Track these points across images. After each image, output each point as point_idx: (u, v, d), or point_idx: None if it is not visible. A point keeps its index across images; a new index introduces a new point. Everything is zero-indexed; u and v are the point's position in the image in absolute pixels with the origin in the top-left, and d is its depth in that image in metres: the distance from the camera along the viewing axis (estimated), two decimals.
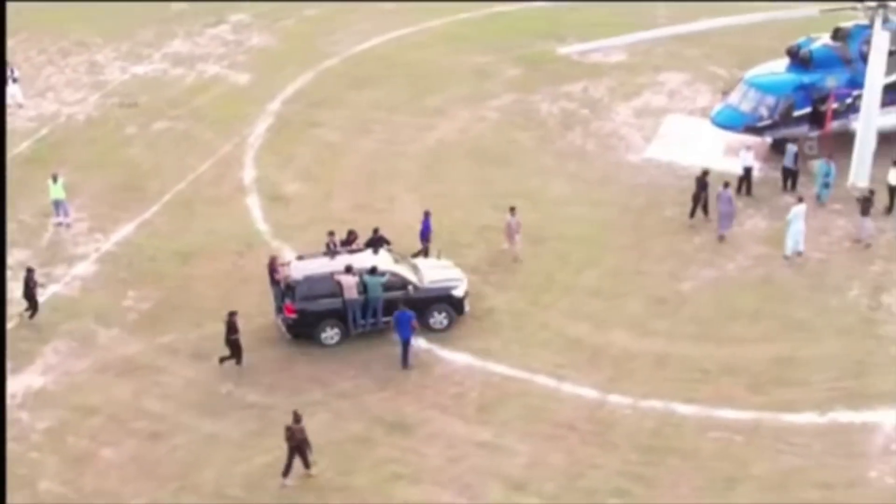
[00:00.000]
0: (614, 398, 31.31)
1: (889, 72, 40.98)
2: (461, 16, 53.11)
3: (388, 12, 53.48)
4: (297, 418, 28.57)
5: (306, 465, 28.76)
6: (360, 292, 32.69)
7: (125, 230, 38.36)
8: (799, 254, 36.66)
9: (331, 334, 33.01)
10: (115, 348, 33.18)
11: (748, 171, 39.27)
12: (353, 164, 41.80)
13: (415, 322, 32.24)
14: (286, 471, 28.60)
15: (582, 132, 43.61)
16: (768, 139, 41.28)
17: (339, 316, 32.86)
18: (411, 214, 38.65)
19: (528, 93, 46.28)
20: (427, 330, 33.08)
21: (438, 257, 35.10)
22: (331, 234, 35.11)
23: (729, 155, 41.11)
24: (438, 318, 33.33)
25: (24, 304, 34.12)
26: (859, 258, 36.72)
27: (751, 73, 41.66)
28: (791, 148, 40.19)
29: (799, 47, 41.12)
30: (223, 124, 44.24)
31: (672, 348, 33.08)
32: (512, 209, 36.23)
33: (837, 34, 41.42)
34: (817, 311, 34.41)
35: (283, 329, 33.20)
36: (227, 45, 50.93)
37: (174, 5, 54.71)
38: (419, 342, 33.12)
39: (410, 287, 33.08)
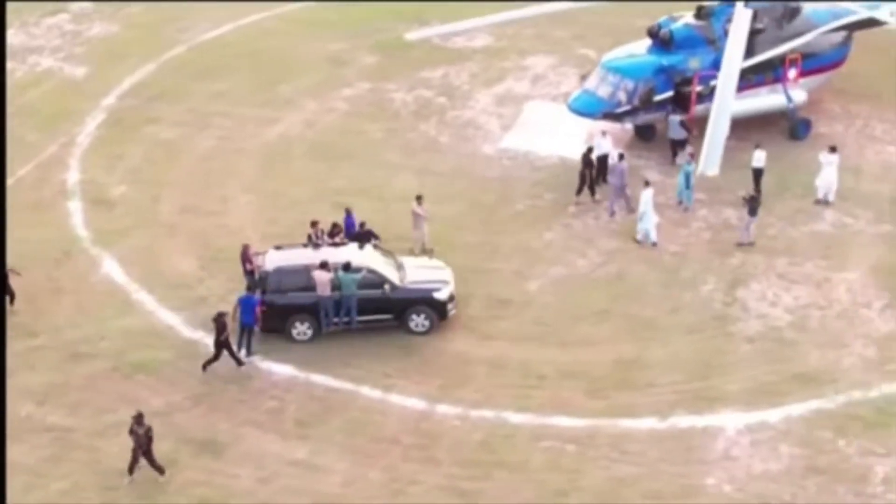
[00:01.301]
0: (443, 408, 31.22)
1: (755, 52, 41.44)
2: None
3: None
4: (139, 420, 28.55)
5: (159, 470, 28.96)
6: (334, 289, 32.63)
7: None
8: (654, 244, 36.74)
9: (301, 330, 33.10)
10: None
11: (603, 158, 39.25)
12: (187, 163, 41.35)
13: (259, 309, 32.28)
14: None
15: (436, 122, 43.46)
16: (628, 125, 41.30)
17: (312, 311, 32.77)
18: (245, 216, 38.38)
19: (383, 81, 46.06)
20: (407, 332, 33.16)
21: (430, 257, 34.93)
22: (314, 224, 34.94)
23: (591, 143, 41.00)
24: (418, 321, 33.30)
25: None
26: (718, 251, 36.91)
27: (608, 57, 41.70)
28: (674, 118, 40.40)
29: (659, 27, 41.16)
30: (51, 122, 43.59)
31: (511, 352, 33.06)
32: (418, 197, 36.23)
33: (700, 12, 41.58)
34: (668, 309, 34.54)
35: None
36: (64, 35, 50.16)
37: None
38: (239, 355, 32.81)
39: (387, 286, 32.96)
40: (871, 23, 42.90)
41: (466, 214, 38.02)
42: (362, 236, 35.01)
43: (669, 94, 40.71)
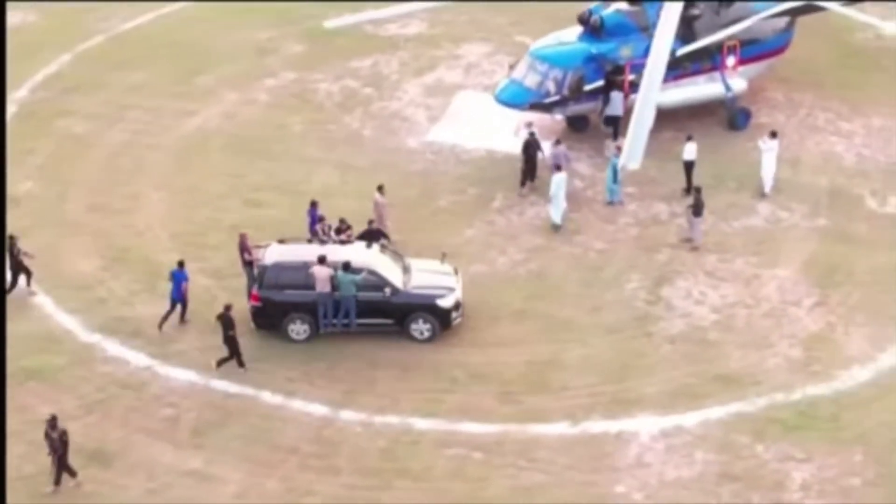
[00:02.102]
0: (346, 414, 31.08)
1: (691, 38, 41.31)
2: None
3: None
4: (52, 424, 28.58)
5: (71, 473, 29.03)
6: (333, 288, 32.50)
7: None
8: (557, 227, 37.08)
9: (298, 329, 32.92)
10: None
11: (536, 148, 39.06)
12: (98, 158, 41.06)
13: (185, 285, 32.77)
14: (57, 479, 28.90)
15: (361, 114, 43.23)
16: (558, 116, 41.11)
17: (309, 310, 32.57)
18: (154, 214, 38.12)
19: (309, 71, 45.80)
20: (408, 339, 32.89)
21: (442, 261, 34.50)
22: (321, 220, 34.79)
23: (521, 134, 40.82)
24: (420, 328, 32.99)
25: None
26: (644, 247, 36.80)
27: (536, 45, 41.51)
28: (616, 95, 40.27)
29: (590, 13, 40.97)
30: None
31: (422, 355, 32.95)
32: (380, 188, 36.09)
33: None
34: (588, 309, 34.42)
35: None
36: None
37: None
38: (139, 358, 32.64)
39: (388, 289, 32.67)
40: (812, 8, 42.70)
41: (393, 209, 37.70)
42: (371, 235, 34.74)
43: (600, 83, 40.48)
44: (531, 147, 38.79)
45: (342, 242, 34.14)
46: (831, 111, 43.20)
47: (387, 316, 33.06)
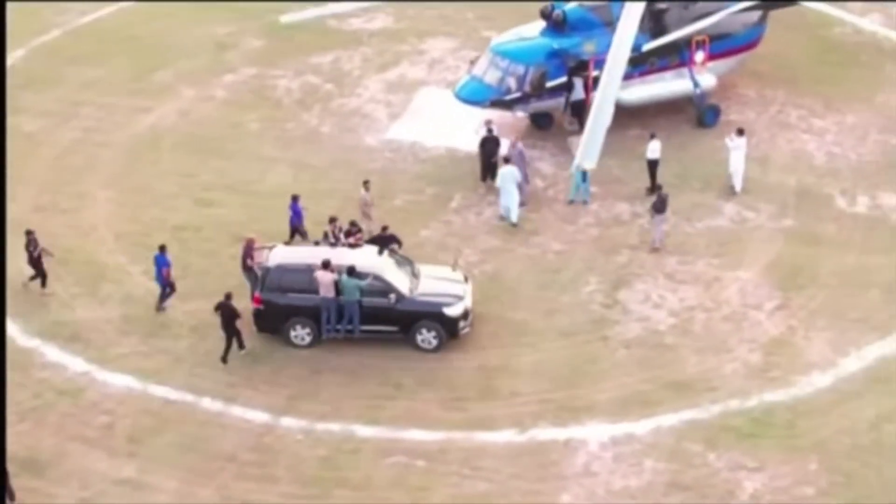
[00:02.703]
0: (287, 421, 30.99)
1: (658, 33, 41.20)
2: None
3: None
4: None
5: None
6: (337, 292, 32.44)
7: None
8: (514, 225, 36.88)
9: (300, 334, 32.87)
10: None
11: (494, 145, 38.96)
12: (47, 156, 40.97)
13: (166, 270, 33.32)
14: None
15: (320, 111, 43.13)
16: (520, 114, 40.99)
17: (312, 314, 32.48)
18: (101, 215, 38.00)
19: (269, 67, 45.69)
20: (414, 348, 32.71)
21: (454, 268, 34.27)
22: (332, 220, 34.78)
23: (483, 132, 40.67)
24: (426, 337, 32.77)
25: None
26: (604, 249, 36.70)
27: (497, 40, 41.40)
28: (578, 81, 40.33)
29: (552, 8, 40.83)
30: None
31: (369, 360, 32.82)
32: (365, 183, 36.15)
33: None
34: (542, 312, 34.31)
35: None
36: None
37: None
38: (77, 363, 32.57)
39: (392, 296, 32.50)
40: (783, 2, 42.56)
41: (340, 211, 37.20)
42: (383, 240, 34.60)
43: (563, 79, 40.35)
44: (488, 144, 38.67)
45: (351, 246, 33.95)
46: (804, 108, 43.06)
47: (392, 323, 32.81)
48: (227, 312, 32.30)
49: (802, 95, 43.65)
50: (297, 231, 36.44)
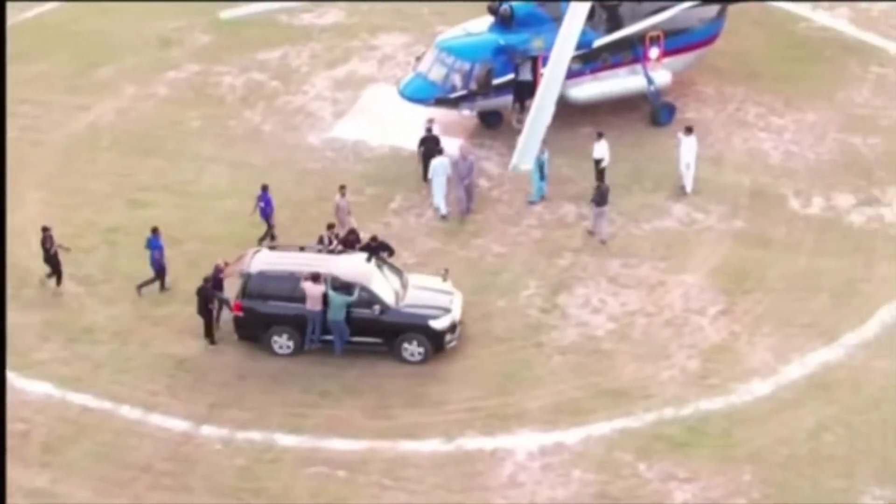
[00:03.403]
0: (207, 430, 30.99)
1: (610, 29, 41.17)
2: None
3: None
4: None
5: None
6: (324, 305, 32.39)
7: None
8: (443, 217, 37.10)
9: (282, 343, 32.74)
10: None
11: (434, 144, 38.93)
12: None
13: (157, 253, 34.11)
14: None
15: (264, 109, 43.09)
16: (466, 112, 40.95)
17: (295, 323, 32.38)
18: (30, 216, 37.94)
19: (215, 63, 45.61)
20: (399, 361, 32.62)
21: (444, 278, 34.05)
22: (330, 227, 34.80)
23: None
24: (411, 349, 32.60)
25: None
26: (546, 251, 36.65)
27: (442, 36, 41.38)
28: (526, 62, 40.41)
29: (500, 3, 40.75)
30: None
31: (295, 366, 32.79)
32: (342, 188, 36.13)
33: None
34: (479, 317, 34.32)
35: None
36: None
37: None
38: None
39: (377, 307, 32.33)
40: None
41: (275, 212, 37.50)
42: (374, 249, 34.54)
43: (511, 76, 40.29)
44: (427, 143, 38.65)
45: (341, 252, 34.00)
46: (763, 105, 42.98)
47: (377, 335, 32.67)
48: (202, 298, 32.51)
49: (762, 93, 43.56)
50: (268, 222, 36.58)
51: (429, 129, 38.90)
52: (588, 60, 40.96)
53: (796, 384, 32.14)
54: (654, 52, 41.83)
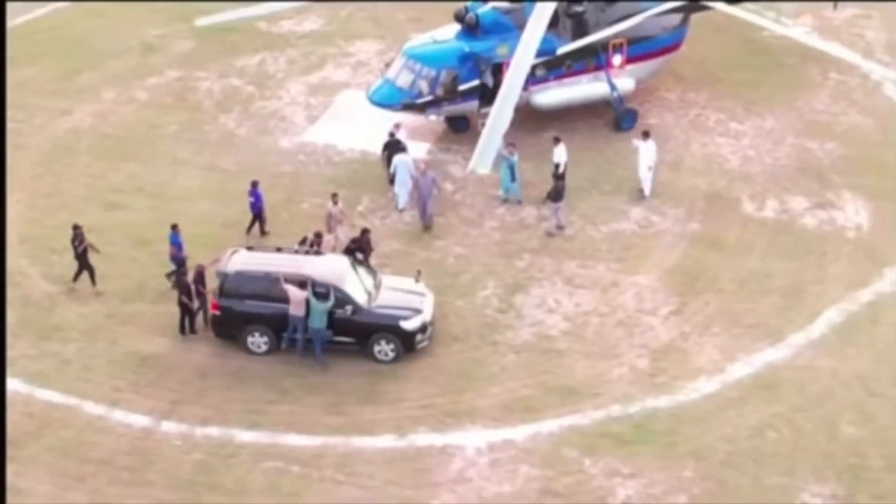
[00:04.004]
0: (168, 426, 30.85)
1: (573, 36, 40.99)
2: None
3: None
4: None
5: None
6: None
7: None
8: (400, 211, 37.37)
9: (258, 342, 32.58)
10: None
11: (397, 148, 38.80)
12: None
13: (171, 249, 34.23)
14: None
15: (239, 114, 43.00)
16: (432, 117, 40.76)
17: (270, 322, 32.24)
18: (9, 217, 37.74)
19: (194, 68, 45.59)
20: (372, 360, 32.41)
21: (417, 280, 33.85)
22: (318, 235, 34.71)
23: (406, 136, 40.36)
24: (383, 349, 32.38)
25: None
26: (505, 253, 36.47)
27: (410, 43, 41.24)
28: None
29: (466, 10, 40.60)
30: None
31: (256, 365, 32.62)
32: (334, 196, 35.91)
33: None
34: (437, 316, 33.93)
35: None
36: None
37: None
38: None
39: (349, 307, 32.16)
40: (700, 6, 42.27)
41: (245, 214, 37.35)
42: (352, 250, 34.56)
43: (476, 82, 40.12)
44: (391, 147, 38.53)
45: (318, 253, 33.88)
46: (724, 111, 42.84)
47: (349, 335, 32.46)
48: (180, 287, 32.78)
49: (724, 99, 43.43)
50: (258, 217, 36.59)
51: (391, 134, 38.76)
52: (552, 67, 40.81)
53: (742, 383, 31.93)
54: (617, 60, 41.67)
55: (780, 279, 35.31)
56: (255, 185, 36.79)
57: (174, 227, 34.82)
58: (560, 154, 38.20)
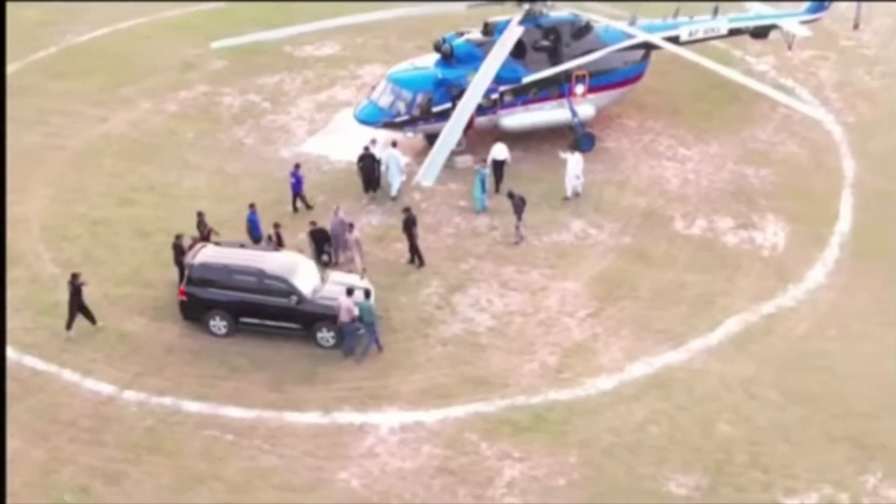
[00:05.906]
0: (129, 394, 31.26)
1: (539, 67, 40.76)
2: (202, 6, 52.93)
3: (128, 2, 53.20)
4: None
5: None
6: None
7: None
8: (393, 199, 37.89)
9: (218, 325, 33.08)
10: None
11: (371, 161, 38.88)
12: (7, 156, 41.70)
13: (251, 224, 35.10)
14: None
15: (251, 126, 43.38)
16: (409, 134, 40.79)
17: (228, 308, 32.82)
18: (33, 208, 38.65)
19: (221, 85, 46.09)
20: (315, 346, 32.72)
21: (362, 277, 34.15)
22: (276, 226, 35.31)
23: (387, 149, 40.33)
24: (324, 336, 32.65)
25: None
26: (454, 257, 36.34)
27: (393, 70, 41.31)
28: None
29: (443, 41, 40.60)
30: None
31: (215, 344, 32.93)
32: (350, 225, 35.49)
33: (486, 28, 40.93)
34: (381, 310, 33.89)
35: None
36: None
37: None
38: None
39: (294, 297, 32.66)
40: (653, 46, 41.74)
41: (235, 213, 37.65)
42: (316, 235, 35.23)
43: (447, 105, 40.04)
44: (365, 160, 38.66)
45: (276, 249, 34.16)
46: (676, 138, 42.28)
47: (295, 321, 32.70)
48: (72, 290, 32.80)
49: (678, 127, 42.88)
50: (298, 196, 37.13)
51: (366, 148, 38.86)
52: (519, 94, 40.63)
53: (638, 381, 31.52)
54: (579, 89, 41.32)
55: (693, 290, 34.78)
56: (297, 167, 37.59)
57: (252, 206, 35.42)
58: (499, 152, 38.77)
